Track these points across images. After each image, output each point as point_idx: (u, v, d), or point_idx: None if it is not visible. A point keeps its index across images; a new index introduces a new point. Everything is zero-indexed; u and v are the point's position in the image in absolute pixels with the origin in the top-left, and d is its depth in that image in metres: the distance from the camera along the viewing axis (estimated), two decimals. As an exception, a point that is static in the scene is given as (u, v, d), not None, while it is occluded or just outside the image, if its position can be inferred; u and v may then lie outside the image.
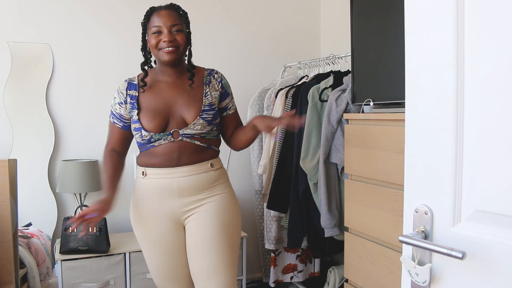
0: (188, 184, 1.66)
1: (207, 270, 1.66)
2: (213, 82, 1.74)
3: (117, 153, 1.77)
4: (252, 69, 3.11)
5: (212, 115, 1.68)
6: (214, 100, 1.71)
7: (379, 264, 1.69)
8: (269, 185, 2.55)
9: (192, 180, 1.67)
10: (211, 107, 1.69)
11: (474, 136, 0.79)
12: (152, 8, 1.69)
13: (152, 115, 1.66)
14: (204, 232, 1.67)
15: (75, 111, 2.75)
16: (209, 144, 1.71)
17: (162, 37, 1.62)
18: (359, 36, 1.96)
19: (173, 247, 1.72)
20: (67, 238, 2.37)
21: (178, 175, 1.66)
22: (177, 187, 1.66)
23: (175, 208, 1.68)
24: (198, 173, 1.67)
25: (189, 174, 1.66)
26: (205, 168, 1.69)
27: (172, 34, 1.63)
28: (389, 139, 1.63)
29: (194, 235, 1.69)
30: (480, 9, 0.77)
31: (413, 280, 0.89)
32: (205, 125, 1.66)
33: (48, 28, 2.67)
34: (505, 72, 0.74)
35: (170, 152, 1.65)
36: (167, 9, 1.66)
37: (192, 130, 1.65)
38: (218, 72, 1.78)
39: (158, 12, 1.65)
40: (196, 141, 1.67)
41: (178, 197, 1.67)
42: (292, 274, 2.83)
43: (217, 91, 1.74)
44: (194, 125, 1.65)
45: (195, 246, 1.68)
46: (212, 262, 1.66)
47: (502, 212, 0.76)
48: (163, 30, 1.62)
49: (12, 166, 2.14)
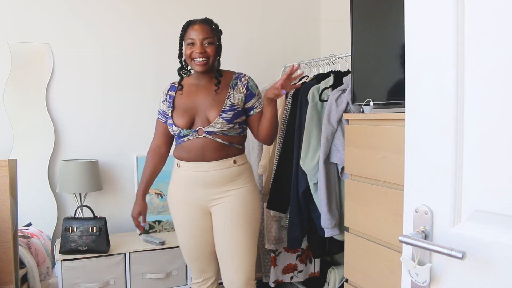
0: (213, 178, 1.90)
1: (230, 252, 1.94)
2: (238, 85, 1.95)
3: (161, 149, 2.07)
4: (252, 69, 3.10)
5: (232, 115, 1.88)
6: (237, 102, 1.91)
7: (379, 264, 1.69)
8: (269, 185, 2.55)
9: (216, 174, 1.90)
10: (231, 108, 1.89)
11: (474, 136, 0.79)
12: (189, 22, 1.92)
13: (182, 113, 1.93)
14: (228, 220, 1.92)
15: (75, 111, 2.75)
16: (231, 142, 1.92)
17: (195, 49, 1.86)
18: (359, 36, 1.95)
19: (198, 229, 1.98)
20: (67, 238, 2.37)
21: (204, 169, 1.90)
22: (203, 180, 1.91)
23: (202, 197, 1.94)
24: (221, 168, 1.90)
25: (213, 169, 1.89)
26: (228, 164, 1.91)
27: (203, 47, 1.86)
28: (389, 139, 1.63)
29: (218, 222, 1.95)
30: (480, 8, 0.77)
31: (413, 280, 0.89)
32: (225, 123, 1.87)
33: (48, 28, 2.67)
34: (505, 72, 0.74)
35: (195, 147, 1.90)
36: (201, 24, 1.89)
37: (213, 128, 1.87)
38: (245, 75, 1.99)
39: (193, 26, 1.88)
40: (218, 139, 1.88)
41: (204, 188, 1.92)
42: (292, 274, 2.83)
43: (241, 93, 1.94)
44: (215, 124, 1.87)
45: (220, 231, 1.95)
46: (235, 246, 1.93)
47: (502, 212, 0.76)
48: (196, 43, 1.86)
49: (12, 166, 2.14)
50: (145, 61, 2.88)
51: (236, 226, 1.92)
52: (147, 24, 2.87)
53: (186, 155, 1.92)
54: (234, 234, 1.92)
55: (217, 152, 1.89)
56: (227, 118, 1.87)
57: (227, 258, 1.95)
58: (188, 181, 1.94)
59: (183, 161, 1.94)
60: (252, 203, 1.96)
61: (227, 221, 1.92)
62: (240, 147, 1.96)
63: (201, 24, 1.88)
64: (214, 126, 1.86)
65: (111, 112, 2.83)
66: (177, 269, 2.55)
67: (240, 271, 1.95)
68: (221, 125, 1.86)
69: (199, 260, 2.04)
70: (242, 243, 1.93)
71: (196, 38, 1.85)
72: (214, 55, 1.89)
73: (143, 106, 2.88)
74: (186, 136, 1.91)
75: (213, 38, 1.88)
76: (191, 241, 2.00)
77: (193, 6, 2.97)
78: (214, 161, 1.89)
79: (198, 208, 1.96)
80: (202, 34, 1.86)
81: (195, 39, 1.86)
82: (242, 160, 1.97)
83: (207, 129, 1.87)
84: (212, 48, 1.87)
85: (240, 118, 1.91)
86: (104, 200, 2.82)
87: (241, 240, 1.93)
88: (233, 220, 1.92)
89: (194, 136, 1.89)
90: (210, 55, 1.87)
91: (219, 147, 1.89)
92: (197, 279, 2.10)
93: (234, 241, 1.93)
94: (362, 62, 1.94)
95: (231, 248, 1.93)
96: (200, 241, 2.00)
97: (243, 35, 3.10)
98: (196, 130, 1.89)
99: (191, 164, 1.91)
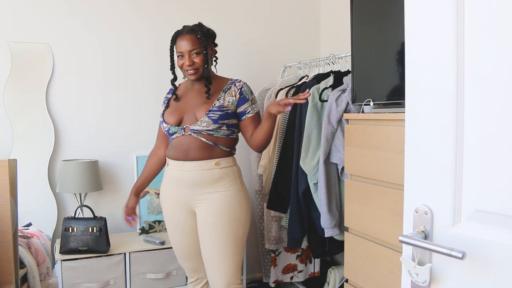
0: (195, 178, 1.92)
1: (211, 255, 1.94)
2: (232, 89, 1.97)
3: (159, 151, 2.13)
4: (252, 69, 3.11)
5: (219, 115, 1.90)
6: (227, 104, 1.94)
7: (379, 264, 1.69)
8: (269, 185, 2.55)
9: (198, 175, 1.92)
10: (219, 109, 1.91)
11: (474, 136, 0.79)
12: (176, 33, 1.96)
13: (172, 111, 2.00)
14: (209, 222, 1.93)
15: (75, 111, 2.75)
16: (216, 143, 1.92)
17: (184, 61, 1.92)
18: (359, 36, 1.96)
19: (186, 229, 2.01)
20: (67, 238, 2.37)
21: (188, 169, 1.92)
22: (187, 180, 1.94)
23: (187, 196, 1.96)
24: (203, 169, 1.91)
25: (196, 170, 1.92)
26: (210, 165, 1.92)
27: (191, 58, 1.91)
28: (389, 139, 1.63)
29: (201, 223, 1.96)
30: (480, 8, 0.77)
31: (413, 280, 0.89)
32: (211, 123, 1.89)
33: (48, 28, 2.67)
34: (505, 72, 0.74)
35: (181, 145, 1.93)
36: (187, 34, 1.92)
37: (199, 126, 1.90)
38: (241, 81, 2.01)
39: (181, 38, 1.92)
40: (203, 138, 1.91)
41: (188, 187, 1.94)
42: (292, 274, 2.83)
43: (233, 97, 1.96)
44: (201, 122, 1.90)
45: (202, 232, 1.96)
46: (215, 249, 1.93)
47: (502, 212, 0.76)
48: (184, 55, 1.91)
49: (12, 166, 2.14)
50: (145, 61, 2.88)
51: (217, 229, 1.91)
52: (147, 24, 2.87)
53: (173, 153, 1.96)
54: (214, 237, 1.92)
55: (201, 151, 1.91)
56: (213, 117, 1.89)
57: (209, 260, 1.95)
58: (175, 180, 1.97)
59: (170, 160, 1.98)
60: (235, 207, 1.93)
61: (208, 224, 1.93)
62: (226, 149, 1.96)
63: (187, 34, 1.91)
64: (200, 125, 1.89)
65: (111, 112, 2.83)
66: (177, 269, 2.55)
67: (220, 275, 1.93)
68: (207, 124, 1.89)
69: (191, 260, 2.07)
70: (223, 247, 1.92)
71: (184, 50, 1.91)
72: (202, 64, 1.92)
73: (143, 106, 2.87)
74: (174, 134, 1.96)
75: (200, 48, 1.91)
76: (181, 240, 2.03)
77: (193, 6, 2.97)
78: (197, 161, 1.91)
79: (184, 207, 1.99)
80: (188, 45, 1.90)
81: (183, 51, 1.91)
82: (227, 163, 1.95)
83: (193, 127, 1.91)
84: (200, 58, 1.91)
85: (229, 120, 1.93)
86: (104, 200, 2.82)
87: (221, 244, 1.91)
88: (214, 223, 1.92)
89: (181, 133, 1.94)
90: (199, 65, 1.92)
91: (203, 147, 1.91)
92: (191, 278, 2.13)
93: (214, 244, 1.92)
94: (362, 62, 1.94)
95: (211, 251, 1.93)
96: (189, 241, 2.02)
97: (243, 35, 3.10)
98: (183, 127, 1.93)
99: (177, 162, 1.95)
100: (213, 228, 1.92)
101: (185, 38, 1.91)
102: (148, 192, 2.26)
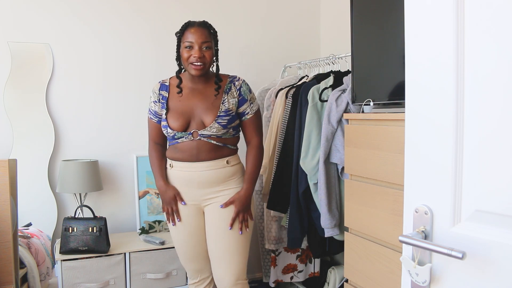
0: (206, 178, 1.92)
1: (221, 251, 1.95)
2: (232, 90, 1.94)
3: (159, 145, 2.05)
4: (252, 69, 3.11)
5: (227, 120, 1.90)
6: (231, 106, 1.92)
7: (379, 264, 1.69)
8: (269, 185, 2.55)
9: (210, 174, 1.92)
10: (226, 113, 1.90)
11: (474, 136, 0.79)
12: (187, 23, 1.88)
13: (177, 116, 1.91)
14: (220, 220, 1.93)
15: (75, 111, 2.75)
16: (225, 143, 1.94)
17: (193, 53, 1.82)
18: (359, 36, 1.95)
19: (193, 229, 1.99)
20: (67, 238, 2.37)
21: (198, 169, 1.91)
22: (197, 180, 1.92)
23: (195, 197, 1.96)
24: (215, 168, 1.92)
25: (207, 169, 1.91)
26: (222, 164, 1.93)
27: (202, 51, 1.83)
28: (389, 139, 1.63)
29: (210, 221, 1.96)
30: (480, 9, 0.77)
31: (413, 280, 0.89)
32: (220, 128, 1.89)
33: (48, 28, 2.67)
34: (505, 73, 0.74)
35: (190, 149, 1.90)
36: (199, 27, 1.85)
37: (208, 132, 1.89)
38: (239, 79, 1.97)
39: (191, 29, 1.84)
40: (213, 141, 1.90)
41: (198, 187, 1.94)
42: (292, 274, 2.83)
43: (235, 98, 1.94)
44: (210, 128, 1.88)
45: (212, 230, 1.96)
46: (226, 245, 1.94)
47: (502, 212, 0.76)
48: (194, 46, 1.83)
49: (12, 166, 2.14)
50: (145, 61, 2.88)
51: (228, 226, 1.93)
52: (147, 24, 2.87)
53: (180, 156, 1.93)
54: (225, 233, 1.94)
55: (212, 152, 1.91)
56: (222, 123, 1.89)
57: (217, 257, 1.96)
58: (183, 181, 1.95)
59: (176, 161, 1.95)
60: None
61: (219, 221, 1.94)
62: (233, 148, 1.99)
63: (199, 27, 1.85)
64: (209, 130, 1.88)
65: (111, 112, 2.83)
66: (177, 269, 2.55)
67: (230, 271, 1.95)
68: (216, 130, 1.88)
69: (195, 261, 2.05)
70: (233, 243, 1.94)
71: (195, 41, 1.82)
72: (211, 60, 1.88)
73: (143, 106, 2.87)
74: (180, 138, 1.91)
75: (211, 43, 1.86)
76: (189, 241, 2.02)
77: (194, 6, 2.97)
78: (208, 161, 1.90)
79: (192, 207, 1.98)
80: (201, 37, 1.82)
81: (193, 42, 1.83)
82: (235, 161, 1.99)
83: (202, 132, 1.89)
84: (210, 53, 1.85)
85: (235, 122, 1.94)
86: (104, 200, 2.82)
87: (232, 240, 1.94)
88: (225, 220, 1.93)
89: (188, 138, 1.90)
90: (208, 61, 1.85)
91: (214, 148, 1.91)
92: (194, 279, 2.11)
93: (225, 240, 1.94)
94: (362, 62, 1.94)
95: (221, 247, 1.95)
96: (195, 241, 2.01)
97: (243, 35, 3.10)
98: (191, 132, 1.90)
99: (185, 164, 1.92)
100: (224, 224, 1.93)
101: (198, 30, 1.84)
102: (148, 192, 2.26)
